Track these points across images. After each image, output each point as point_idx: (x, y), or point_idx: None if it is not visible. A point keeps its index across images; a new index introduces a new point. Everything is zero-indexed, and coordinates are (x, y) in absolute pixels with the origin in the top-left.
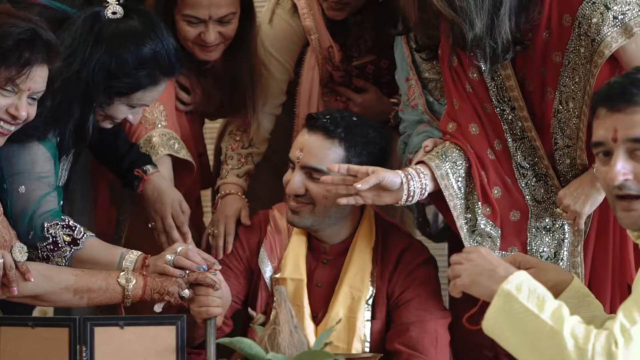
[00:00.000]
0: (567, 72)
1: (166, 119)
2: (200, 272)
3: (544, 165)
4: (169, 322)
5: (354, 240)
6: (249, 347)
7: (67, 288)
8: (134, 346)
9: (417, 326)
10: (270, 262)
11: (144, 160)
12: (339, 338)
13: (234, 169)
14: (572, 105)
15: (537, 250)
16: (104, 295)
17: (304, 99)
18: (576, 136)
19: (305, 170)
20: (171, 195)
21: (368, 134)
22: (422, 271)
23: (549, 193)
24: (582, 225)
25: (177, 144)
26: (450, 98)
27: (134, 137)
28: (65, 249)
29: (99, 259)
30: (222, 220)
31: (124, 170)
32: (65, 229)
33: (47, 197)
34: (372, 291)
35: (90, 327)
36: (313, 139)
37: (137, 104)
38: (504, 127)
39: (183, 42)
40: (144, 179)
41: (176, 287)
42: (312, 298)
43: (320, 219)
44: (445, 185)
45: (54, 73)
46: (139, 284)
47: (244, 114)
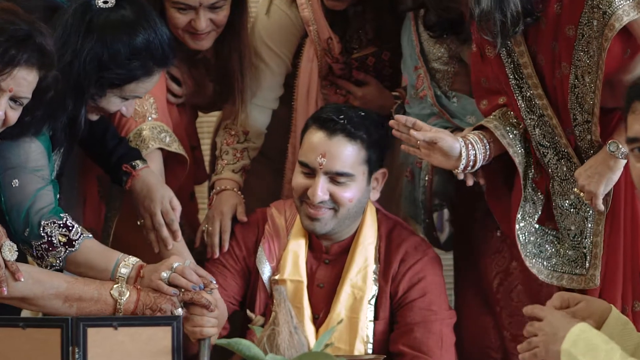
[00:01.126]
0: (581, 45)
1: (157, 112)
2: (196, 291)
3: (563, 144)
4: (165, 322)
5: (355, 238)
6: (248, 348)
7: (58, 294)
8: (128, 348)
9: (421, 327)
10: (268, 263)
11: (133, 155)
12: (340, 339)
13: (229, 164)
14: (588, 80)
15: (565, 227)
16: (95, 306)
17: (302, 92)
18: (592, 111)
19: (330, 175)
20: (161, 192)
21: (380, 129)
22: (427, 269)
23: (571, 171)
24: (600, 205)
25: (168, 137)
26: (479, 77)
27: (123, 130)
28: (60, 250)
29: (94, 262)
30: (218, 216)
31: (112, 165)
32: (62, 228)
33: (42, 192)
34: (375, 290)
35: (83, 328)
36: (335, 143)
37: (130, 95)
38: (522, 106)
39: (173, 31)
40: (133, 175)
41: (169, 305)
42: (314, 299)
43: (341, 221)
44: (508, 144)
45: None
46: (132, 297)
47: (232, 103)
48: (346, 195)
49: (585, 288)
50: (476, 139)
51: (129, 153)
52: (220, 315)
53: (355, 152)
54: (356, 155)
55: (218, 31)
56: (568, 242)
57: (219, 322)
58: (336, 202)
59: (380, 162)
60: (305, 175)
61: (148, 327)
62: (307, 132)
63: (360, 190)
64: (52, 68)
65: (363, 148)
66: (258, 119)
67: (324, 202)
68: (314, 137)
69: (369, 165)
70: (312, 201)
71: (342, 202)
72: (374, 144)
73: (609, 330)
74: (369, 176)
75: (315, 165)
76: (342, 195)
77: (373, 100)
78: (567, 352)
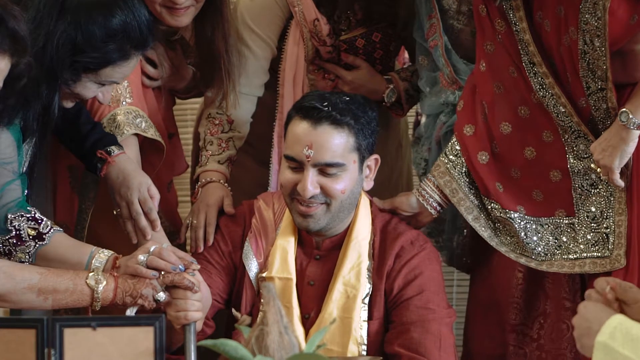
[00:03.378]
0: (586, 7)
1: (131, 96)
2: (177, 273)
3: (575, 122)
4: (146, 322)
5: (348, 233)
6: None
7: (31, 287)
8: (108, 349)
9: (418, 326)
10: (255, 259)
11: (108, 141)
12: (332, 340)
13: (214, 155)
14: (598, 44)
15: (584, 210)
16: (71, 297)
17: (288, 78)
18: (606, 77)
19: (319, 167)
20: (138, 179)
21: (367, 113)
22: (424, 265)
23: (588, 149)
24: (617, 180)
25: (144, 122)
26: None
27: (96, 115)
28: (30, 244)
29: (67, 257)
30: (203, 209)
31: (85, 151)
32: (31, 221)
33: (11, 186)
34: (369, 288)
35: (59, 329)
36: (321, 132)
37: (107, 80)
38: (535, 85)
39: (150, 6)
40: (108, 161)
41: (150, 289)
42: (304, 297)
43: (335, 215)
44: (458, 201)
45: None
46: (110, 285)
47: (219, 85)
48: (338, 186)
49: (611, 270)
50: (431, 187)
51: (103, 138)
52: (203, 298)
53: (344, 140)
54: (345, 143)
55: (197, 7)
56: (586, 226)
57: (203, 307)
58: (328, 195)
59: (372, 148)
60: (292, 170)
61: (129, 327)
62: (290, 123)
63: (353, 180)
64: (25, 54)
65: (351, 135)
66: (243, 107)
67: (316, 197)
68: (298, 128)
69: (360, 152)
70: (303, 196)
71: (334, 195)
72: (362, 130)
73: None
74: (361, 164)
75: (302, 158)
76: (333, 188)
77: (364, 84)
78: (603, 345)
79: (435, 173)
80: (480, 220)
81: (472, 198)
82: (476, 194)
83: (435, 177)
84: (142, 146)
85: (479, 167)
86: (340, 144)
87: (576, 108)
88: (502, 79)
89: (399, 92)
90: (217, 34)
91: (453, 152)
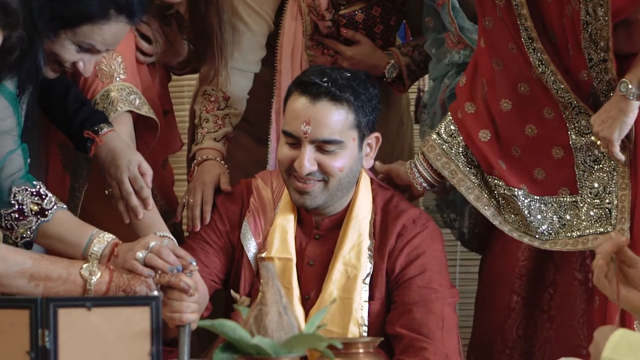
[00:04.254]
0: None
1: (125, 72)
2: (174, 274)
3: (574, 98)
4: (142, 302)
5: (348, 212)
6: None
7: (22, 272)
8: (103, 330)
9: (421, 307)
10: (254, 239)
11: (96, 119)
12: (333, 321)
13: (210, 132)
14: (601, 13)
15: (588, 187)
16: (63, 286)
17: (286, 53)
18: (607, 47)
19: (316, 144)
20: (127, 157)
21: (369, 90)
22: (427, 244)
23: (589, 124)
24: (617, 153)
25: (138, 99)
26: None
27: (89, 92)
28: (32, 220)
29: (66, 236)
30: (199, 188)
31: (74, 131)
32: (35, 196)
33: (12, 156)
34: (370, 268)
35: (53, 309)
36: (320, 108)
37: (85, 42)
38: (534, 61)
39: None
40: (96, 141)
41: (144, 287)
42: (303, 278)
43: (333, 193)
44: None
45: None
46: (104, 278)
47: (211, 61)
48: (336, 164)
49: None
50: (424, 166)
51: (91, 117)
52: (200, 299)
53: (343, 117)
54: (344, 120)
55: None
56: (589, 203)
57: (200, 307)
58: (325, 173)
59: (372, 125)
60: (290, 146)
61: (124, 307)
62: (289, 99)
63: (352, 158)
64: (16, 27)
65: (351, 111)
66: (239, 83)
67: (313, 174)
68: (297, 103)
69: (359, 130)
70: (300, 173)
71: (332, 173)
72: (362, 107)
73: None
74: (361, 142)
75: (299, 134)
76: (331, 165)
77: (364, 60)
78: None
79: (432, 156)
80: (482, 199)
81: (472, 178)
82: (476, 173)
83: (431, 159)
84: (136, 123)
85: (482, 145)
86: (339, 120)
87: (576, 83)
88: (501, 55)
89: (400, 68)
90: (210, 9)
91: (448, 132)
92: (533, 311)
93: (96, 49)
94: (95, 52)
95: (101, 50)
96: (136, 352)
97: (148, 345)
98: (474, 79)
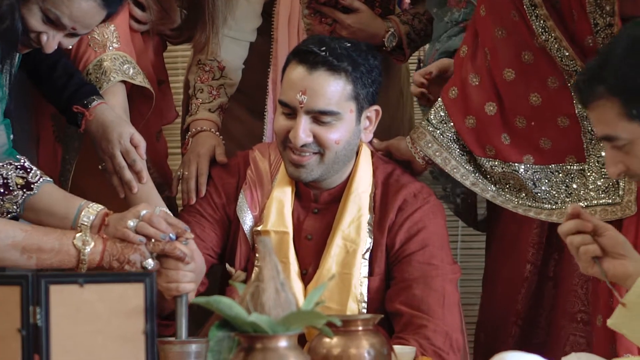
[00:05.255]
0: None
1: (119, 40)
2: (168, 242)
3: (579, 66)
4: (136, 279)
5: (348, 185)
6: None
7: (14, 245)
8: (96, 307)
9: (421, 283)
10: (250, 212)
11: (86, 91)
12: (331, 298)
13: (204, 103)
14: None
15: (595, 155)
16: (56, 257)
17: (282, 22)
18: (613, 11)
19: (312, 114)
20: (118, 130)
21: (369, 61)
22: (428, 219)
23: None
24: None
25: (132, 68)
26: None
27: (81, 62)
28: (17, 194)
29: (55, 209)
30: (194, 160)
31: (64, 105)
32: (19, 170)
33: None
34: (370, 243)
35: (45, 286)
36: (316, 78)
37: (51, 11)
38: (537, 28)
39: None
40: (86, 115)
41: (138, 256)
42: (301, 252)
43: (329, 167)
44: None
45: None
46: (97, 248)
47: (202, 29)
48: (332, 136)
49: (622, 217)
50: (425, 141)
51: (81, 89)
52: (197, 269)
53: (340, 87)
54: (341, 91)
55: None
56: (596, 172)
57: (196, 277)
58: (321, 145)
59: (372, 98)
60: (286, 116)
61: (118, 284)
62: (287, 68)
63: (349, 131)
64: None
65: (349, 82)
66: (234, 52)
67: (308, 146)
68: (293, 72)
69: (357, 102)
70: (294, 144)
71: (327, 145)
72: (361, 78)
73: (635, 296)
74: (359, 114)
75: (295, 103)
76: (327, 137)
77: (363, 28)
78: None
79: (422, 143)
80: (478, 185)
81: (465, 165)
82: (469, 160)
83: (422, 147)
84: (131, 94)
85: (486, 119)
86: (335, 91)
87: (582, 50)
88: (503, 23)
89: (399, 37)
90: None
91: (437, 118)
92: (542, 279)
93: (62, 22)
94: (61, 27)
95: (67, 25)
96: (130, 329)
97: (142, 323)
98: (475, 50)
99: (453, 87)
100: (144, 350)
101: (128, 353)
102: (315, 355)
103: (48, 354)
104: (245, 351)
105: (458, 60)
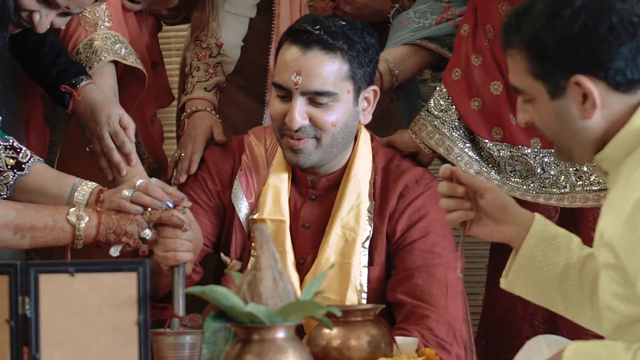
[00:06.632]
0: None
1: (110, 19)
2: (165, 209)
3: None
4: (129, 268)
5: (347, 171)
6: (225, 297)
7: (6, 224)
8: (87, 297)
9: (423, 272)
10: (246, 199)
11: (74, 71)
12: (330, 288)
13: (200, 81)
14: None
15: None
16: (51, 234)
17: None
18: None
19: (308, 96)
20: (106, 111)
21: (365, 39)
22: (430, 206)
23: None
24: None
25: (124, 48)
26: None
27: (70, 41)
28: (8, 175)
29: (47, 188)
30: (190, 141)
31: (51, 84)
32: (9, 150)
33: None
34: (369, 231)
35: (34, 275)
36: (311, 57)
37: None
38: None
39: None
40: (73, 95)
41: (135, 226)
42: (298, 241)
43: (327, 150)
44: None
45: None
46: (92, 222)
47: (201, 10)
48: (329, 118)
49: None
50: (427, 131)
51: (69, 69)
52: (195, 239)
53: (336, 67)
54: (337, 71)
55: None
56: None
57: (194, 249)
58: (318, 128)
59: (370, 78)
60: (281, 99)
61: (110, 273)
62: (281, 49)
63: (346, 113)
64: None
65: (345, 61)
66: (233, 28)
67: (305, 130)
68: (287, 53)
69: (354, 82)
70: (290, 127)
71: (324, 127)
72: (358, 56)
73: (527, 253)
74: (356, 95)
75: (289, 85)
76: (323, 119)
77: (368, 4)
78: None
79: (423, 134)
80: (482, 173)
81: (469, 152)
82: (473, 147)
83: (424, 138)
84: (123, 75)
85: (492, 100)
86: (331, 71)
87: None
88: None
89: None
90: None
91: (438, 107)
92: None
93: (56, 0)
94: (55, 5)
95: (61, 4)
96: (122, 320)
97: (135, 314)
98: (475, 28)
99: (456, 68)
100: (137, 341)
101: (120, 345)
102: (315, 347)
103: (37, 345)
104: (241, 342)
105: (458, 39)
